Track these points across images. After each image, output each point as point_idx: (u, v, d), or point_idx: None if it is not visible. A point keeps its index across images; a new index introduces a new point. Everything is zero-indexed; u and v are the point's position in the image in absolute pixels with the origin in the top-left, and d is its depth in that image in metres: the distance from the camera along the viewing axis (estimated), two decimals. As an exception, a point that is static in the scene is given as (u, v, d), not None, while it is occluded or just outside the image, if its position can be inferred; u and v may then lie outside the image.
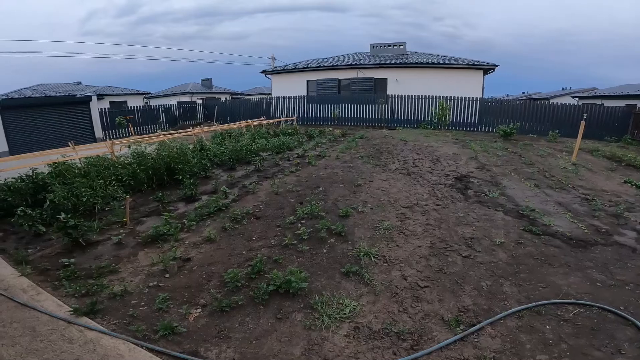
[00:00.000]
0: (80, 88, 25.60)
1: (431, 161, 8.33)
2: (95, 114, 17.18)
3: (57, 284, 3.37)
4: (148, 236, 4.23)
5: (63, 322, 2.78)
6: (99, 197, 5.39)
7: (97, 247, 4.15)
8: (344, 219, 4.73)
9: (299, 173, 7.37)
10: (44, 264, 3.76)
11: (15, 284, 3.36)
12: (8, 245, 4.35)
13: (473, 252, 3.86)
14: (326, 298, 3.02)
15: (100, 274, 3.51)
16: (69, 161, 6.78)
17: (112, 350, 2.47)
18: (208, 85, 33.63)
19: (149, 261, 3.77)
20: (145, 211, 5.39)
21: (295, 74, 21.06)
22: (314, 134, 13.31)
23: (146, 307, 3.01)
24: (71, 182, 5.57)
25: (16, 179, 5.82)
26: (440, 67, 17.52)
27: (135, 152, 7.20)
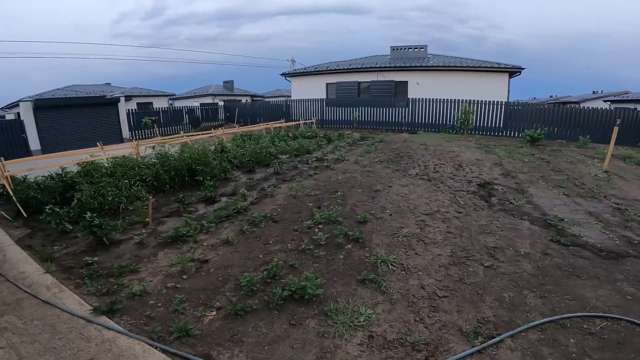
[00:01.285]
0: (110, 89, 26.65)
1: (453, 167, 8.13)
2: (123, 114, 17.81)
3: (79, 282, 3.47)
4: (168, 237, 4.31)
5: (82, 320, 2.85)
6: (124, 197, 5.55)
7: (119, 246, 4.27)
8: (362, 224, 4.67)
9: (318, 177, 7.36)
10: (69, 262, 3.89)
11: (39, 281, 3.47)
12: (35, 242, 4.53)
13: (496, 262, 3.72)
14: (341, 305, 2.98)
15: (121, 273, 3.59)
16: (97, 161, 7.03)
17: (127, 350, 2.51)
18: (229, 87, 34.26)
19: (168, 262, 3.83)
20: (166, 211, 5.51)
21: (314, 76, 21.14)
22: (333, 137, 13.29)
23: (163, 308, 3.05)
24: (98, 182, 5.77)
25: (46, 177, 6.09)
26: (463, 70, 17.13)
27: (159, 153, 7.39)
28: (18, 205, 5.44)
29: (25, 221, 5.25)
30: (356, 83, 19.54)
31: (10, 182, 5.69)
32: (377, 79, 18.74)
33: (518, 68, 16.64)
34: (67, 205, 5.22)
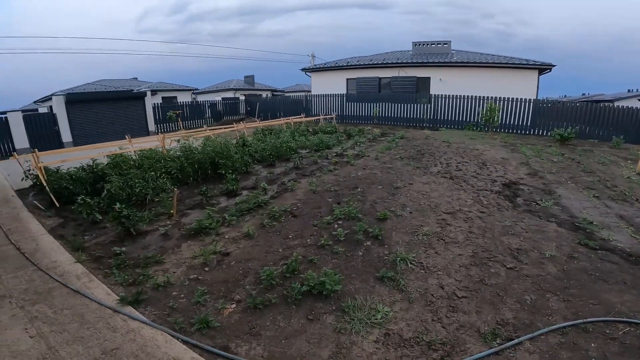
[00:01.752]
0: (137, 84, 27.47)
1: (477, 165, 7.92)
2: (149, 108, 18.35)
3: (108, 271, 3.61)
4: (191, 229, 4.43)
5: (110, 310, 2.94)
6: (150, 189, 5.75)
7: (145, 237, 4.43)
8: (382, 222, 4.64)
9: (338, 172, 7.35)
10: (98, 251, 4.05)
11: (70, 270, 3.61)
12: (67, 231, 4.74)
13: (519, 264, 3.63)
14: (359, 302, 3.00)
15: (146, 264, 3.72)
16: (125, 153, 7.29)
17: (151, 340, 2.58)
18: (250, 82, 34.64)
19: (191, 253, 3.94)
20: (190, 204, 5.66)
21: (334, 71, 21.05)
22: (353, 133, 13.21)
23: (185, 299, 3.14)
24: (126, 173, 6.00)
25: (78, 168, 6.37)
26: (489, 66, 16.59)
27: (183, 146, 7.59)
28: (51, 195, 5.72)
29: (57, 211, 5.52)
30: (377, 78, 19.33)
31: (43, 172, 5.99)
32: (399, 74, 18.47)
33: (548, 65, 15.97)
34: (98, 195, 5.45)
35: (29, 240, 4.35)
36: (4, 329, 2.68)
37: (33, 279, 3.43)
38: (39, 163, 6.05)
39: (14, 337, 2.58)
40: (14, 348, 2.46)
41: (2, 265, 3.69)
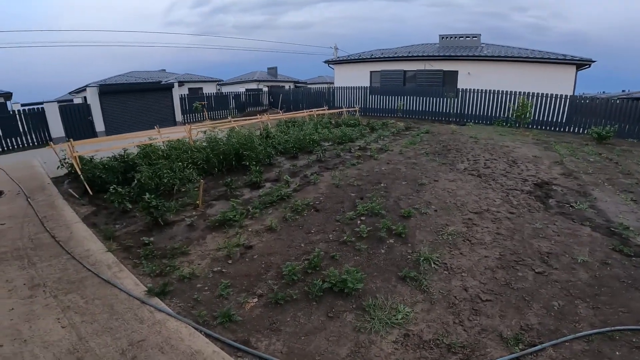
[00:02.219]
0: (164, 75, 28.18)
1: (506, 163, 7.61)
2: (177, 99, 18.83)
3: (137, 261, 3.71)
4: (216, 220, 4.51)
5: (137, 301, 2.99)
6: (177, 179, 5.89)
7: (172, 227, 4.54)
8: (405, 219, 4.56)
9: (361, 166, 7.27)
10: (128, 241, 4.18)
11: (101, 259, 3.72)
12: (99, 220, 4.93)
13: (548, 268, 3.49)
14: (379, 301, 2.97)
15: (173, 254, 3.81)
16: (155, 144, 7.50)
17: (175, 333, 2.61)
18: (273, 74, 34.74)
19: (215, 245, 4.02)
20: (215, 194, 5.77)
21: (358, 64, 20.80)
22: (377, 126, 13.01)
23: (209, 292, 3.20)
24: (155, 163, 6.18)
25: (110, 158, 6.62)
26: (522, 61, 15.85)
27: (209, 137, 7.72)
28: (85, 184, 5.98)
29: (90, 199, 5.77)
30: (402, 71, 18.94)
31: (78, 161, 6.26)
32: (425, 67, 17.99)
33: (587, 60, 15.08)
34: (128, 184, 5.65)
35: (63, 227, 4.54)
36: (37, 318, 2.76)
37: (67, 268, 3.55)
38: (74, 152, 6.32)
39: (46, 327, 2.64)
40: (46, 338, 2.52)
41: (38, 253, 3.86)
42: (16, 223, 4.72)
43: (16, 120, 13.24)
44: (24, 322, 2.71)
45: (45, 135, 13.87)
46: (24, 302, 2.96)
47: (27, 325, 2.66)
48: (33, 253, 3.86)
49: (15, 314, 2.80)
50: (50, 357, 2.34)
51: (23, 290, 3.14)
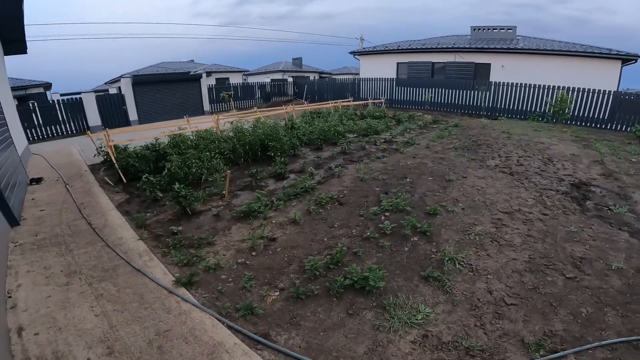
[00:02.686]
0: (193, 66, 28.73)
1: (541, 161, 7.24)
2: (205, 89, 19.25)
3: (165, 250, 3.84)
4: (241, 211, 4.60)
5: (165, 291, 3.06)
6: (205, 169, 6.04)
7: (199, 217, 4.67)
8: (431, 217, 4.46)
9: (386, 160, 7.16)
10: (158, 230, 4.34)
11: (133, 247, 3.85)
12: (132, 207, 5.13)
13: (580, 274, 3.33)
14: (400, 300, 2.95)
15: (200, 244, 3.92)
16: (184, 133, 7.70)
17: (199, 324, 2.67)
18: (298, 64, 34.63)
19: (240, 236, 4.10)
20: (240, 185, 5.88)
21: (384, 55, 20.43)
22: (403, 119, 12.74)
23: (233, 283, 3.27)
24: (184, 153, 6.36)
25: (143, 147, 6.87)
26: (562, 54, 14.93)
27: (236, 127, 7.84)
28: (119, 172, 6.26)
29: (124, 186, 6.03)
30: (430, 63, 18.46)
31: (113, 150, 6.55)
32: (455, 59, 17.38)
33: (634, 56, 14.04)
34: (159, 173, 5.86)
35: (98, 215, 4.76)
36: (72, 306, 2.85)
37: (101, 255, 3.70)
38: (110, 141, 6.61)
39: (80, 315, 2.74)
40: (79, 326, 2.61)
41: (75, 240, 4.05)
42: (55, 209, 5.00)
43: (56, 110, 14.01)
44: (59, 309, 2.82)
45: (82, 123, 14.61)
46: (61, 290, 3.09)
47: (63, 313, 2.77)
48: (70, 240, 4.06)
49: (52, 302, 2.91)
50: (82, 345, 2.42)
51: (60, 278, 3.28)
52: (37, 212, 4.89)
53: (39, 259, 3.61)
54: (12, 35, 8.87)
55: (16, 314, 2.77)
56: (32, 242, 3.98)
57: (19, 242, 3.98)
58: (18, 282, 3.20)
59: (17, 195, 5.11)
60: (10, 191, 4.63)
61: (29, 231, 4.27)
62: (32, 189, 6.01)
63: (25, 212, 4.90)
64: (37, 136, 13.29)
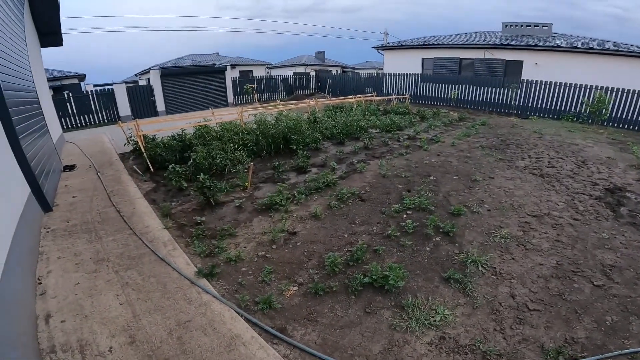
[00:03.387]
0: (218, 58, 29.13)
1: (574, 163, 6.90)
2: (229, 81, 19.53)
3: (189, 240, 3.92)
4: (263, 204, 4.65)
5: (187, 281, 3.10)
6: (229, 160, 6.13)
7: (222, 208, 4.75)
8: (455, 217, 4.36)
9: (409, 157, 7.04)
10: (182, 219, 4.43)
11: (158, 236, 3.93)
12: (158, 196, 5.27)
13: (609, 282, 3.20)
14: (419, 301, 2.91)
15: (222, 235, 3.97)
16: (209, 125, 7.84)
17: (218, 316, 2.69)
18: (321, 58, 34.42)
19: (261, 229, 4.14)
20: (262, 177, 5.93)
21: (409, 50, 19.97)
22: (427, 115, 12.45)
23: (252, 276, 3.30)
24: (209, 144, 6.48)
25: (170, 137, 7.05)
26: (600, 53, 14.06)
27: (259, 120, 7.90)
28: (147, 161, 6.45)
29: (151, 175, 6.21)
30: (457, 59, 17.89)
31: (142, 140, 6.75)
32: (484, 56, 16.77)
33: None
34: (184, 163, 6.00)
35: (127, 203, 4.92)
36: (99, 294, 2.92)
37: (128, 244, 3.79)
38: (139, 131, 6.82)
39: (106, 304, 2.80)
40: (105, 314, 2.67)
41: (104, 227, 4.19)
42: (86, 196, 5.21)
43: (89, 100, 14.62)
44: (87, 297, 2.89)
45: (114, 113, 15.18)
46: (89, 277, 3.17)
47: (90, 301, 2.83)
48: (100, 227, 4.21)
49: (79, 289, 2.99)
50: (106, 334, 2.48)
51: (89, 265, 3.37)
52: (70, 199, 5.10)
53: (70, 245, 3.73)
54: (48, 28, 9.28)
55: (45, 300, 2.84)
56: (63, 229, 4.13)
57: (51, 228, 4.14)
58: (49, 268, 3.30)
59: (51, 181, 5.36)
60: (44, 178, 4.84)
61: (61, 217, 4.45)
62: (66, 176, 6.29)
63: (58, 199, 5.12)
64: (71, 125, 13.92)
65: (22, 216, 3.50)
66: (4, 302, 2.26)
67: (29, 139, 4.72)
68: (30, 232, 3.70)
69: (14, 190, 3.66)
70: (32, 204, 4.15)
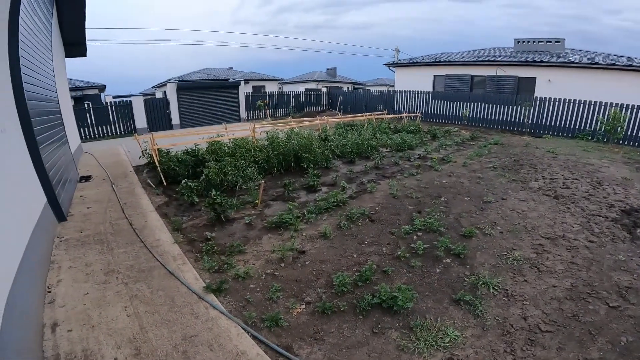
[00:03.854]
0: (232, 73, 29.91)
1: (590, 184, 6.76)
2: (242, 96, 19.94)
3: (198, 255, 3.95)
4: (273, 222, 4.66)
5: (195, 296, 3.11)
6: (240, 177, 6.20)
7: (232, 224, 4.79)
8: (466, 239, 4.30)
9: (420, 177, 7.00)
10: (193, 234, 4.48)
11: (168, 250, 3.96)
12: (170, 210, 5.35)
13: (625, 303, 3.13)
14: (428, 322, 2.87)
15: (231, 252, 4.00)
16: (222, 141, 7.98)
17: (225, 331, 2.69)
18: (332, 74, 34.95)
19: (270, 247, 4.15)
20: (273, 195, 5.97)
21: (420, 67, 20.05)
22: (438, 134, 12.41)
23: (260, 293, 3.30)
24: (221, 160, 6.58)
25: (183, 152, 7.19)
26: (615, 69, 13.90)
27: (271, 137, 8.01)
28: (161, 175, 6.58)
29: (164, 189, 6.31)
30: (469, 77, 17.88)
31: (157, 154, 6.90)
32: (496, 73, 16.74)
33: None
34: (197, 178, 6.09)
35: (139, 216, 5.00)
36: (107, 305, 2.94)
37: (139, 256, 3.83)
38: (154, 145, 6.98)
39: (114, 315, 2.81)
40: (111, 325, 2.69)
41: (116, 239, 4.26)
42: (101, 207, 5.32)
43: (108, 111, 15.07)
44: (95, 307, 2.91)
45: (131, 125, 15.57)
46: (98, 288, 3.20)
47: (98, 312, 2.85)
48: (112, 238, 4.27)
49: (88, 299, 3.02)
50: (112, 345, 2.49)
51: (99, 275, 3.41)
52: (84, 209, 5.22)
53: (81, 255, 3.79)
54: (73, 38, 9.66)
55: (53, 309, 2.88)
56: (76, 239, 4.21)
57: (64, 238, 4.23)
58: (59, 277, 3.35)
59: (67, 192, 5.49)
60: (61, 188, 4.96)
61: (75, 227, 4.54)
62: (82, 186, 6.45)
63: (73, 209, 5.24)
64: (89, 135, 14.31)
65: (37, 225, 3.58)
66: (13, 309, 2.30)
67: (48, 149, 4.84)
68: (44, 241, 3.77)
69: (30, 200, 3.76)
70: (47, 214, 4.25)
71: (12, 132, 3.58)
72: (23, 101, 3.97)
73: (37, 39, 5.48)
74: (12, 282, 2.46)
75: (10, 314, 2.22)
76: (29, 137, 4.03)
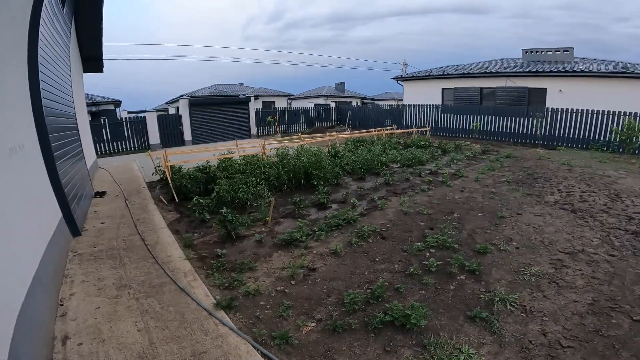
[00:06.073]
0: (242, 89, 30.57)
1: (607, 197, 6.58)
2: (252, 112, 20.26)
3: (209, 272, 3.95)
4: (283, 239, 4.65)
5: (205, 312, 3.10)
6: (251, 194, 6.24)
7: (243, 242, 4.80)
8: (481, 255, 4.19)
9: (431, 193, 6.93)
10: (204, 251, 4.50)
11: (179, 267, 3.97)
12: (181, 227, 5.40)
13: None
14: (442, 340, 2.77)
15: (241, 269, 3.99)
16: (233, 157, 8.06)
17: (234, 349, 2.65)
18: (341, 89, 35.35)
19: (281, 264, 4.13)
20: (283, 212, 5.97)
21: (429, 81, 20.09)
22: (449, 148, 12.32)
23: (270, 311, 3.26)
24: (232, 177, 6.64)
25: (194, 168, 7.30)
26: (627, 77, 13.68)
27: (281, 154, 8.07)
28: (173, 192, 6.67)
29: (176, 205, 6.39)
30: (478, 89, 17.82)
31: (169, 171, 7.02)
32: (506, 84, 16.65)
33: None
34: (208, 195, 6.15)
35: (152, 232, 5.06)
36: (118, 319, 2.95)
37: (150, 272, 3.86)
38: (167, 162, 7.11)
39: (124, 330, 2.83)
40: (122, 340, 2.70)
41: (128, 254, 4.30)
42: (114, 223, 5.41)
43: (123, 127, 15.48)
44: (106, 321, 2.93)
45: (145, 141, 15.90)
46: (110, 302, 3.23)
47: (108, 326, 2.87)
48: (124, 254, 4.33)
49: (100, 313, 3.04)
50: (121, 359, 2.49)
51: (111, 290, 3.44)
52: (98, 225, 5.32)
53: (94, 270, 3.85)
54: (91, 54, 9.97)
55: (65, 322, 2.91)
56: (90, 253, 4.28)
57: (78, 252, 4.31)
58: (72, 291, 3.41)
59: (82, 207, 5.59)
60: (76, 203, 5.06)
61: (89, 242, 4.62)
62: (96, 202, 6.59)
63: (87, 224, 5.35)
64: (104, 151, 14.66)
65: (52, 239, 3.65)
66: (25, 320, 2.32)
67: (65, 165, 4.92)
68: (58, 255, 3.82)
69: (46, 215, 3.83)
70: (62, 228, 4.32)
71: (30, 148, 3.65)
72: (41, 117, 4.02)
73: (56, 54, 5.54)
74: (26, 294, 2.49)
75: (23, 325, 2.24)
76: (47, 153, 4.09)
